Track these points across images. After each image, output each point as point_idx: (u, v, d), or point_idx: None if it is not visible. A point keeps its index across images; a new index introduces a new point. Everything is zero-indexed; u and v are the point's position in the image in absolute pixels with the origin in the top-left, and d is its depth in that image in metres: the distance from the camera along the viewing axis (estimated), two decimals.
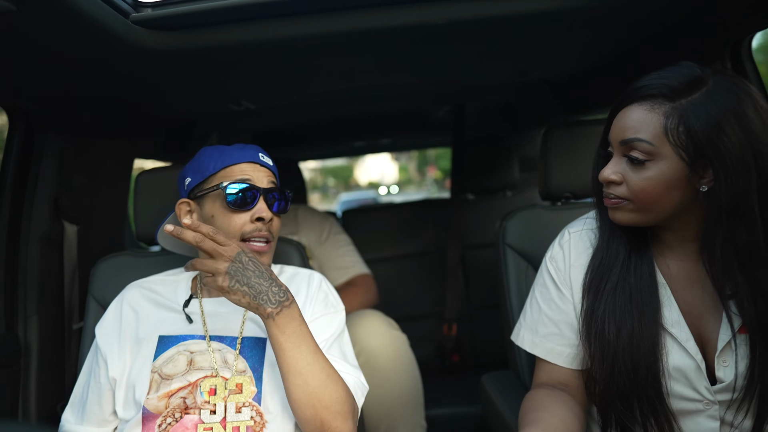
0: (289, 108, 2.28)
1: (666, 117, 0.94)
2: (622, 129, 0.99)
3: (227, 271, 1.07)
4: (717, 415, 1.02)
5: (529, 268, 1.50)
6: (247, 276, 1.08)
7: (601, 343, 1.05)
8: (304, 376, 1.08)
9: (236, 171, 1.25)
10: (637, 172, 0.98)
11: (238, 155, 1.26)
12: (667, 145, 0.94)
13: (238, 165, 1.26)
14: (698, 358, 1.02)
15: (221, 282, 1.07)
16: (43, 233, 1.62)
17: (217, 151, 1.28)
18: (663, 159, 0.95)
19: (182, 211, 1.29)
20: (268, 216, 1.23)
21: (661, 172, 0.95)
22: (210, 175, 1.25)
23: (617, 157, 1.02)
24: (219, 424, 1.14)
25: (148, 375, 1.19)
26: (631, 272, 1.06)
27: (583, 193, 1.54)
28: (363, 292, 2.15)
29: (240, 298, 1.08)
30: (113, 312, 1.30)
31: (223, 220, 1.22)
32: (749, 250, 0.94)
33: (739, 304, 0.97)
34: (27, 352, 1.56)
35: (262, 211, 1.23)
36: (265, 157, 1.30)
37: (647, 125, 0.95)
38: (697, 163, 0.93)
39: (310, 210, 2.36)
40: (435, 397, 2.11)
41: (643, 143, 0.95)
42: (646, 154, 0.96)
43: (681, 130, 0.93)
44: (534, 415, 1.02)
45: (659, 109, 0.95)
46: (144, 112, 1.89)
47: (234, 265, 1.08)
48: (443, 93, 2.38)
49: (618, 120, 1.01)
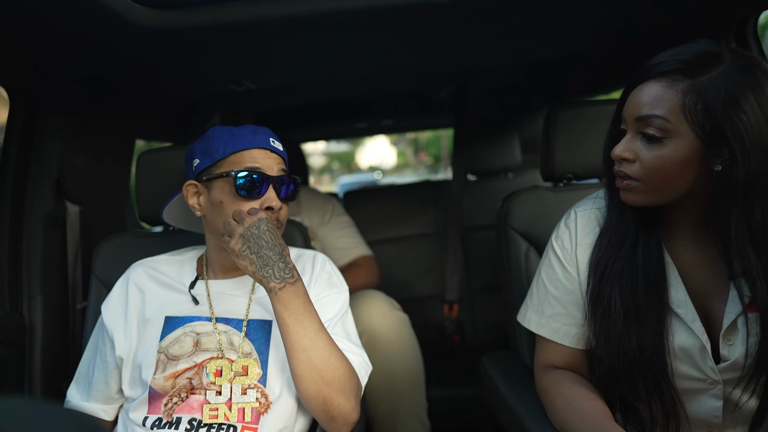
0: (290, 88, 2.27)
1: (684, 94, 0.92)
2: (637, 105, 0.97)
3: (242, 234, 1.11)
4: (721, 395, 1.02)
5: (530, 249, 1.50)
6: (259, 245, 1.11)
7: (607, 323, 1.05)
8: (308, 353, 1.10)
9: (246, 157, 1.21)
10: (651, 150, 0.96)
11: (249, 140, 1.22)
12: (684, 123, 0.92)
13: (249, 151, 1.22)
14: (703, 338, 1.02)
15: (233, 244, 1.11)
16: (45, 213, 1.63)
17: (227, 134, 1.24)
18: (679, 137, 0.93)
19: (189, 192, 1.27)
20: (278, 205, 1.22)
21: (676, 150, 0.93)
22: (219, 159, 1.22)
23: (631, 135, 1.00)
24: (224, 405, 1.15)
25: (155, 355, 1.20)
26: (639, 252, 1.05)
27: (585, 174, 1.54)
28: (365, 273, 2.16)
29: (247, 265, 1.11)
30: (119, 291, 1.31)
31: (232, 207, 1.20)
32: (764, 230, 0.93)
33: (751, 283, 0.96)
34: (31, 331, 1.58)
35: (271, 200, 1.21)
36: (276, 142, 1.26)
37: (664, 102, 0.93)
38: (712, 142, 0.91)
39: (312, 191, 2.36)
40: (436, 377, 2.13)
41: (659, 120, 0.93)
42: (662, 132, 0.94)
43: (699, 108, 0.91)
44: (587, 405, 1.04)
45: (677, 86, 0.93)
46: (145, 91, 1.88)
47: (250, 230, 1.11)
48: (445, 74, 2.37)
49: (634, 96, 0.99)
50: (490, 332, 2.55)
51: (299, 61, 1.73)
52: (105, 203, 1.96)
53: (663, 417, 1.04)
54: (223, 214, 1.21)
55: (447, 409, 2.12)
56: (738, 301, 1.00)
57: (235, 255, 1.12)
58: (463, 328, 2.58)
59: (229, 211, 1.20)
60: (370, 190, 3.08)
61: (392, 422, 1.83)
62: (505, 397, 1.28)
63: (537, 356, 1.21)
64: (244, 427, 1.15)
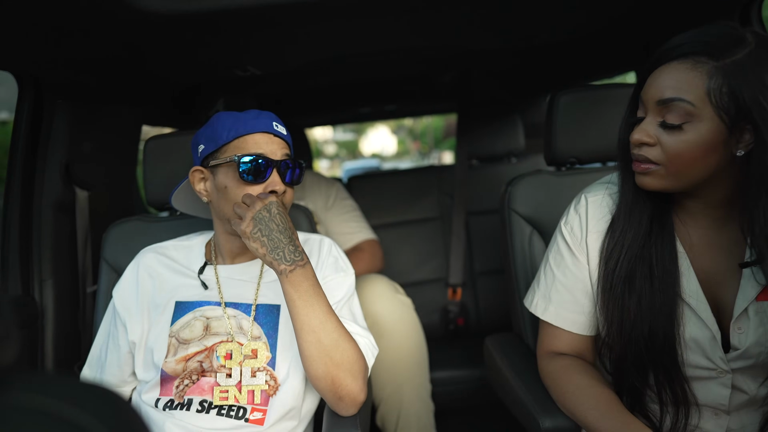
0: (294, 74, 2.27)
1: (709, 77, 0.88)
2: (660, 88, 0.93)
3: (254, 216, 1.12)
4: (729, 383, 1.02)
5: (533, 233, 1.52)
6: (270, 228, 1.12)
7: (620, 311, 1.04)
8: (317, 334, 1.12)
9: (250, 142, 1.21)
10: (672, 135, 0.92)
11: (252, 125, 1.22)
12: (708, 107, 0.89)
13: (252, 135, 1.22)
14: (714, 329, 1.01)
15: (245, 227, 1.12)
16: (55, 199, 1.65)
17: (231, 119, 1.24)
18: (702, 121, 0.90)
19: (195, 178, 1.28)
20: (282, 189, 1.21)
21: (700, 135, 0.90)
22: (223, 145, 1.22)
23: (651, 118, 0.96)
24: (234, 387, 1.18)
25: (166, 339, 1.22)
26: (652, 241, 1.03)
27: (589, 158, 1.55)
28: (369, 257, 2.18)
29: (258, 247, 1.12)
30: (130, 277, 1.32)
31: (236, 191, 1.21)
32: None
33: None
34: (43, 315, 1.61)
35: (275, 184, 1.21)
36: (279, 126, 1.26)
37: (689, 84, 0.90)
38: (735, 126, 0.89)
39: (317, 176, 2.37)
40: (440, 360, 2.16)
41: (684, 103, 0.90)
42: (685, 116, 0.90)
43: (725, 91, 0.87)
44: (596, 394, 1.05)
45: (702, 68, 0.89)
46: (150, 77, 1.89)
47: (261, 213, 1.13)
48: (449, 58, 2.37)
49: (655, 78, 0.95)
50: (493, 315, 2.58)
51: (304, 47, 1.73)
52: (113, 188, 1.98)
53: (673, 404, 1.04)
54: (228, 199, 1.21)
55: (450, 391, 2.15)
56: (749, 290, 0.99)
57: (246, 237, 1.12)
58: (467, 312, 2.61)
59: (234, 195, 1.21)
60: (374, 175, 3.08)
61: (396, 404, 1.86)
62: (509, 378, 1.30)
63: (542, 341, 1.21)
64: (254, 408, 1.17)
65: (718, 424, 1.07)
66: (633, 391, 1.08)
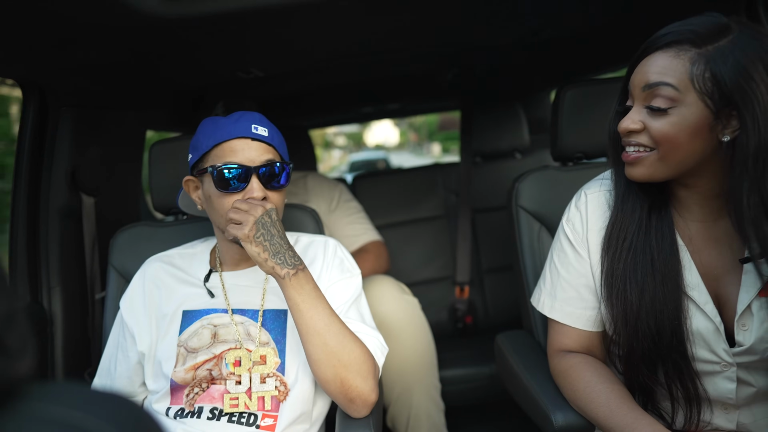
0: (297, 75, 2.27)
1: (692, 63, 0.91)
2: (645, 74, 0.96)
3: (257, 221, 1.11)
4: (734, 377, 1.02)
5: (542, 229, 1.51)
6: (271, 233, 1.12)
7: (623, 305, 1.04)
8: (323, 336, 1.11)
9: (227, 150, 1.18)
10: (658, 119, 0.95)
11: (230, 131, 1.18)
12: (692, 92, 0.91)
13: (228, 143, 1.18)
14: (717, 321, 1.01)
15: (248, 230, 1.10)
16: (61, 206, 1.65)
17: (211, 126, 1.21)
18: (686, 106, 0.92)
19: (190, 188, 1.28)
20: (260, 196, 1.17)
21: (684, 119, 0.92)
22: (204, 154, 1.21)
23: (637, 107, 0.99)
24: (245, 394, 1.18)
25: (175, 349, 1.22)
26: (651, 234, 1.04)
27: (595, 152, 1.54)
28: (374, 258, 2.17)
29: (260, 252, 1.10)
30: (137, 287, 1.32)
31: (218, 201, 1.19)
32: None
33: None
34: (52, 322, 1.61)
35: (252, 191, 1.17)
36: (260, 127, 1.20)
37: (672, 70, 0.92)
38: (721, 112, 0.91)
39: (320, 177, 2.36)
40: (449, 358, 2.16)
41: (667, 87, 0.92)
42: (670, 101, 0.93)
43: (707, 77, 0.90)
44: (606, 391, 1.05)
45: (685, 56, 0.92)
46: (154, 82, 1.89)
47: (263, 218, 1.12)
48: (453, 55, 2.36)
49: (641, 67, 0.98)
50: (501, 313, 2.57)
51: (306, 47, 1.73)
52: (119, 194, 1.98)
53: (685, 399, 1.04)
54: (214, 208, 1.20)
55: (461, 390, 2.14)
56: (751, 287, 0.99)
57: (249, 241, 1.10)
58: (475, 310, 2.60)
59: (218, 205, 1.19)
60: (378, 175, 3.08)
61: (406, 404, 1.85)
62: (521, 376, 1.29)
63: (551, 339, 1.21)
64: (265, 414, 1.17)
65: (728, 419, 1.07)
66: (644, 388, 1.07)
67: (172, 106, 2.30)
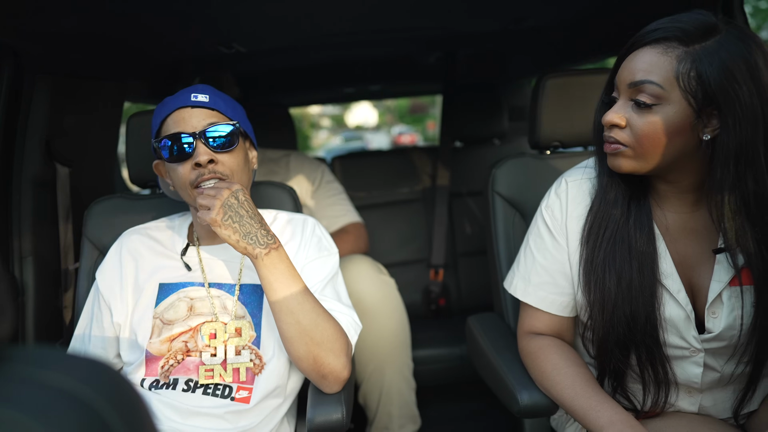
0: (279, 52, 2.24)
1: (678, 61, 0.92)
2: (632, 71, 0.97)
3: (223, 203, 1.11)
4: (701, 362, 1.06)
5: (516, 216, 1.54)
6: (240, 214, 1.12)
7: (601, 292, 1.06)
8: (296, 315, 1.13)
9: (170, 123, 1.20)
10: (642, 116, 0.96)
11: (171, 104, 1.20)
12: (677, 90, 0.92)
13: (171, 115, 1.20)
14: (688, 309, 1.04)
15: (215, 215, 1.10)
16: (35, 175, 1.62)
17: (159, 106, 1.23)
18: (670, 104, 0.93)
19: (161, 171, 1.30)
20: (204, 159, 1.16)
21: (667, 117, 0.94)
22: (156, 133, 1.23)
23: (623, 101, 0.99)
24: (220, 366, 1.19)
25: (150, 321, 1.22)
26: (630, 223, 1.06)
27: (572, 142, 1.57)
28: (354, 239, 2.18)
29: (230, 234, 1.11)
30: (113, 258, 1.32)
31: (173, 175, 1.21)
32: (756, 199, 0.94)
33: (746, 252, 0.97)
34: (24, 292, 1.59)
35: (198, 155, 1.16)
36: (200, 95, 1.20)
37: (659, 68, 0.93)
38: (703, 111, 0.92)
39: (302, 157, 2.35)
40: (422, 339, 2.19)
41: (653, 86, 0.93)
42: (655, 98, 0.94)
43: (692, 75, 0.91)
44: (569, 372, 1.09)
45: (672, 53, 0.93)
46: (134, 52, 1.86)
47: (229, 200, 1.12)
48: (435, 39, 2.36)
49: (628, 62, 0.99)
50: (474, 296, 2.61)
51: (291, 24, 1.71)
52: (95, 165, 1.95)
53: (654, 384, 1.08)
54: (177, 185, 1.22)
55: (432, 369, 2.19)
56: (722, 276, 1.02)
57: (217, 225, 1.11)
58: (448, 292, 2.64)
59: (176, 179, 1.20)
60: (357, 156, 3.08)
61: (379, 382, 1.88)
62: (489, 356, 1.33)
63: (521, 322, 1.24)
64: (240, 387, 1.18)
65: (691, 402, 1.11)
66: (616, 372, 1.10)
67: (151, 79, 2.26)
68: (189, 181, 1.18)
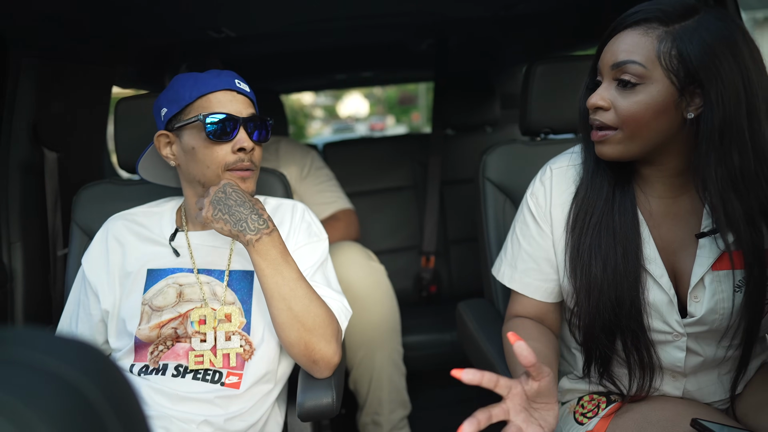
0: (269, 37, 2.22)
1: (659, 41, 0.94)
2: (614, 52, 0.98)
3: (211, 201, 1.13)
4: (684, 346, 1.08)
5: (507, 202, 1.54)
6: (228, 205, 1.13)
7: (587, 278, 1.07)
8: (288, 301, 1.13)
9: (213, 101, 1.19)
10: (626, 97, 0.97)
11: (215, 83, 1.20)
12: (659, 69, 0.94)
13: (215, 94, 1.20)
14: (671, 293, 1.06)
15: (205, 212, 1.13)
16: (22, 160, 1.61)
17: (191, 79, 1.21)
18: (653, 83, 0.95)
19: (161, 143, 1.25)
20: (250, 146, 1.20)
21: (651, 96, 0.95)
22: (186, 105, 1.20)
23: (606, 83, 1.01)
24: (209, 351, 1.19)
25: (139, 307, 1.22)
26: (615, 209, 1.07)
27: (562, 128, 1.57)
28: (344, 226, 2.18)
29: (222, 226, 1.13)
30: (99, 245, 1.30)
31: (205, 152, 1.19)
32: (742, 174, 0.95)
33: (735, 229, 0.98)
34: (12, 278, 1.58)
35: (242, 141, 1.19)
36: (242, 83, 1.24)
37: (640, 48, 0.95)
38: (686, 89, 0.94)
39: (292, 143, 2.34)
40: (413, 325, 2.20)
41: (635, 65, 0.95)
42: (638, 77, 0.95)
43: (673, 54, 0.93)
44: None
45: (653, 33, 0.95)
46: (122, 36, 1.83)
47: (216, 195, 1.13)
48: (427, 25, 2.35)
49: (610, 45, 1.00)
50: (464, 283, 2.63)
51: (280, 8, 1.70)
52: (83, 150, 1.93)
53: (639, 368, 1.09)
54: (198, 160, 1.20)
55: (422, 355, 2.20)
56: (705, 260, 1.04)
57: (210, 221, 1.13)
58: (439, 279, 2.65)
59: (203, 156, 1.19)
60: (349, 143, 3.07)
61: (369, 368, 1.89)
62: (479, 341, 1.34)
63: (509, 307, 1.25)
64: (230, 372, 1.19)
65: (675, 386, 1.13)
66: (603, 358, 1.11)
67: (140, 64, 2.23)
68: (225, 163, 1.20)
